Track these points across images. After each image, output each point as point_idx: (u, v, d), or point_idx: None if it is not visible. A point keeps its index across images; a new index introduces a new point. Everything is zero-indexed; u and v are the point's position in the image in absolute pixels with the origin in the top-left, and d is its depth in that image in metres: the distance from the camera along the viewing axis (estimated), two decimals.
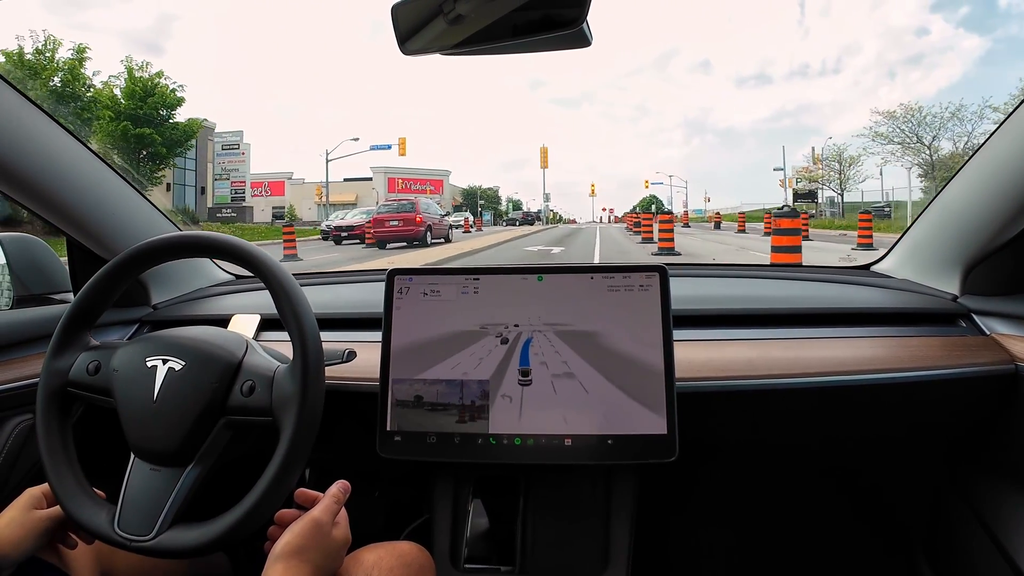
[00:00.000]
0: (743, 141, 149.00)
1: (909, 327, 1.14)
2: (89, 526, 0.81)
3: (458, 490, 1.11)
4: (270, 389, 0.82)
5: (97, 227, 1.21)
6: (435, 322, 1.01)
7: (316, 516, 0.79)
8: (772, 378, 1.02)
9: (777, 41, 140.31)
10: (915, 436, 1.18)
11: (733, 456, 1.29)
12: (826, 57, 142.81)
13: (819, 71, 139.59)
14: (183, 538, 0.78)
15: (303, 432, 0.79)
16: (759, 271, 1.45)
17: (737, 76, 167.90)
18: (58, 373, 0.88)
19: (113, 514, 0.80)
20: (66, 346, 0.89)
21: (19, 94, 1.03)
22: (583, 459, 0.95)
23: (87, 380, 0.87)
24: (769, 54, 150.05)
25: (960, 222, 1.14)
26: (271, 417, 0.81)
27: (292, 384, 0.80)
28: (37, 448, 0.85)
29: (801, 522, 1.43)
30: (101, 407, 0.87)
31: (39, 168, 1.08)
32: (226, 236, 0.90)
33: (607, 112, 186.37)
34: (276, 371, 0.84)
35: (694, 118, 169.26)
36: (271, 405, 0.81)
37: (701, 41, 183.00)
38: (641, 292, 0.99)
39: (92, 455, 0.94)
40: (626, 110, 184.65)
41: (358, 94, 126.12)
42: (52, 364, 0.88)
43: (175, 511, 0.79)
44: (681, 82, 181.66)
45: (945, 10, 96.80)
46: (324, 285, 1.49)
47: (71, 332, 0.90)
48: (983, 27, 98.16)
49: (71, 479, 0.84)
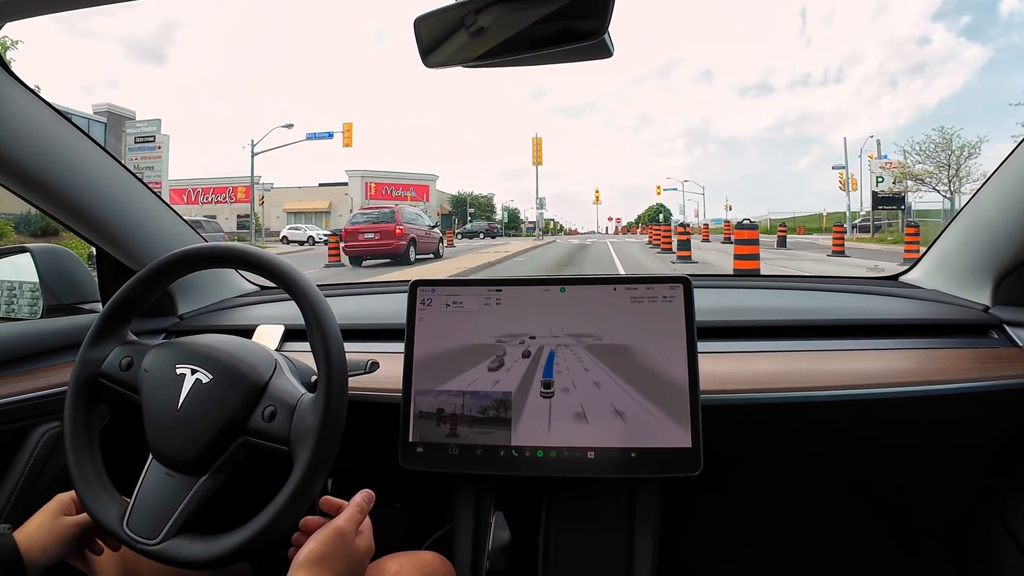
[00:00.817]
0: (745, 150, 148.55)
1: (939, 339, 1.11)
2: (99, 519, 0.82)
3: (480, 502, 1.11)
4: (290, 419, 0.82)
5: (126, 239, 1.24)
6: (458, 333, 1.01)
7: (340, 525, 0.79)
8: (799, 391, 1.00)
9: (779, 50, 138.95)
10: (946, 451, 1.15)
11: (758, 470, 1.27)
12: (828, 66, 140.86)
13: (821, 80, 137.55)
14: (187, 549, 0.79)
15: (315, 468, 0.79)
16: (784, 282, 1.43)
17: (739, 85, 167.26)
18: (92, 362, 0.90)
19: (124, 512, 0.82)
20: (104, 337, 0.92)
21: (51, 109, 1.06)
22: (606, 472, 0.94)
23: (119, 374, 0.89)
24: (771, 63, 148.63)
25: (991, 231, 1.12)
26: (287, 448, 0.81)
27: (313, 418, 0.80)
28: (64, 455, 0.87)
29: (828, 538, 1.40)
30: (128, 402, 0.89)
31: (70, 181, 1.11)
32: (256, 249, 0.91)
33: (609, 121, 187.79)
34: (299, 401, 0.84)
35: (696, 127, 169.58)
36: (289, 436, 0.81)
37: (703, 51, 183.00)
38: (665, 303, 0.98)
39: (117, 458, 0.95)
40: (628, 119, 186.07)
41: (359, 103, 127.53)
42: (88, 353, 0.91)
43: (183, 519, 0.80)
44: (683, 91, 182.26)
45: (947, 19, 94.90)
46: (348, 296, 1.50)
47: (110, 324, 0.93)
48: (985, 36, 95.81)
49: (90, 469, 0.86)
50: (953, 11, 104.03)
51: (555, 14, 0.70)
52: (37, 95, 1.03)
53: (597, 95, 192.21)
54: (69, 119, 1.09)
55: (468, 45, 0.75)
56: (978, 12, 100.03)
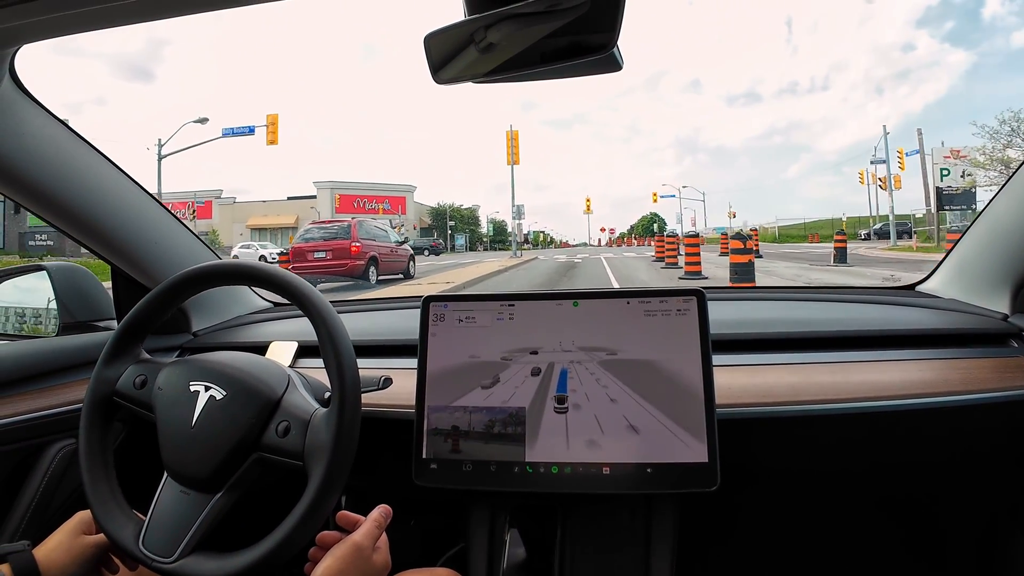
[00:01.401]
0: (735, 159, 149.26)
1: (958, 348, 1.10)
2: (115, 537, 0.82)
3: (494, 519, 1.10)
4: (304, 434, 0.82)
5: (141, 257, 1.25)
6: (471, 349, 1.01)
7: (357, 540, 0.79)
8: (817, 403, 0.99)
9: (766, 59, 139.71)
10: (969, 462, 1.13)
11: (776, 485, 1.25)
12: (815, 74, 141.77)
13: (808, 88, 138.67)
14: (202, 567, 0.78)
15: (330, 483, 0.79)
16: (799, 293, 1.41)
17: (727, 95, 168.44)
18: (107, 381, 0.91)
19: (140, 530, 0.82)
20: (117, 356, 0.93)
21: (66, 128, 1.07)
22: (622, 488, 0.93)
23: (133, 393, 0.90)
24: (758, 72, 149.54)
25: (1008, 238, 1.10)
26: (301, 463, 0.81)
27: (327, 433, 0.81)
28: (79, 473, 0.87)
29: (849, 553, 1.38)
30: (143, 421, 0.89)
31: (86, 200, 1.12)
32: (269, 266, 0.92)
33: (600, 133, 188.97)
34: (313, 416, 0.84)
35: (686, 137, 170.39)
36: (303, 451, 0.81)
37: (691, 60, 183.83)
38: (679, 316, 0.97)
39: (132, 476, 0.96)
40: (618, 130, 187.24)
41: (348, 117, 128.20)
42: (102, 372, 0.91)
43: (199, 537, 0.80)
44: (672, 101, 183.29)
45: (931, 25, 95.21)
46: (361, 312, 1.51)
47: (124, 343, 0.93)
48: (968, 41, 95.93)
49: (105, 488, 0.86)
50: (937, 17, 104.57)
51: (564, 29, 0.70)
52: (54, 116, 1.05)
53: (587, 107, 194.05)
54: (85, 139, 1.10)
55: (478, 61, 0.75)
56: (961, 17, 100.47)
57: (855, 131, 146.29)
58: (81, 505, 0.88)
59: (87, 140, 1.11)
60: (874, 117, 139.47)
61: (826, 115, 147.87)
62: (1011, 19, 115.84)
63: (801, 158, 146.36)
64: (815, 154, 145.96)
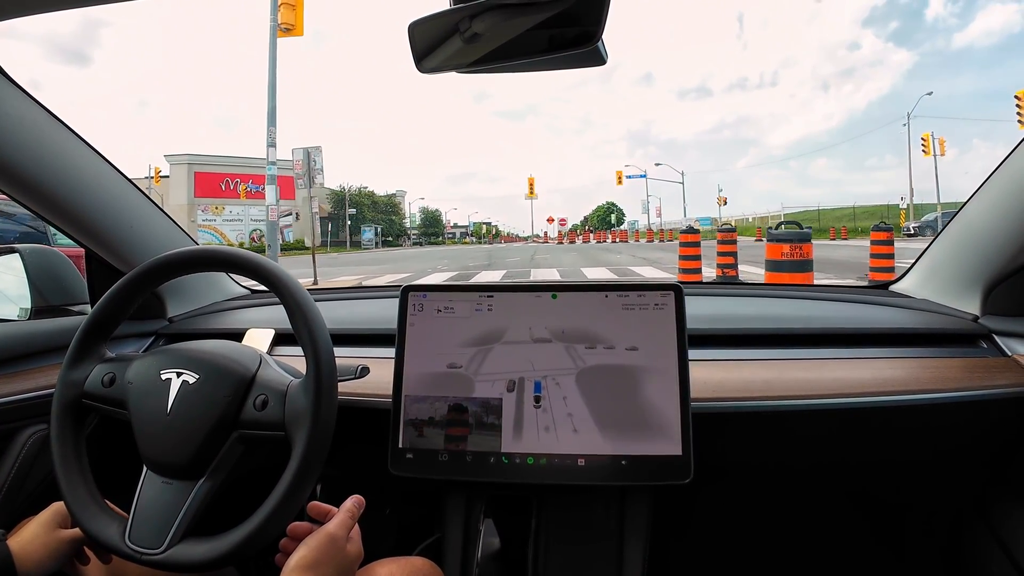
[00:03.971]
0: (685, 152, 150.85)
1: (929, 348, 1.12)
2: (100, 538, 0.81)
3: (470, 509, 1.10)
4: (283, 404, 0.82)
5: (115, 240, 1.23)
6: (449, 339, 1.01)
7: (331, 531, 0.78)
8: (790, 399, 1.00)
9: (717, 54, 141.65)
10: (936, 459, 1.15)
11: (750, 479, 1.27)
12: (764, 70, 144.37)
13: (757, 83, 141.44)
14: (193, 552, 0.77)
15: (315, 448, 0.78)
16: (775, 290, 1.43)
17: (679, 89, 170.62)
18: (73, 384, 0.88)
19: (124, 526, 0.80)
20: (82, 357, 0.90)
21: (43, 109, 1.05)
22: (596, 479, 0.94)
23: (102, 392, 0.88)
24: (710, 67, 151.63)
25: (981, 241, 1.13)
26: (283, 432, 0.81)
27: (305, 399, 0.80)
28: (51, 458, 0.86)
29: (819, 546, 1.40)
30: (115, 419, 0.87)
31: (61, 182, 1.10)
32: (243, 251, 0.90)
33: (552, 125, 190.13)
34: (289, 386, 0.84)
35: (638, 130, 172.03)
36: (284, 420, 0.81)
37: (644, 54, 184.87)
38: (656, 311, 0.98)
39: (106, 468, 0.94)
40: (571, 122, 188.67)
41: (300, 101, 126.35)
42: (68, 375, 0.89)
43: (186, 525, 0.79)
44: (624, 95, 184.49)
45: (876, 25, 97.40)
46: (339, 301, 1.50)
47: (87, 344, 0.91)
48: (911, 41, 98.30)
49: (84, 490, 0.84)
50: (882, 16, 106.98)
51: (549, 21, 0.70)
52: (30, 95, 1.03)
53: (540, 98, 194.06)
54: (62, 120, 1.08)
55: (462, 51, 0.75)
56: (906, 17, 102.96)
57: (801, 127, 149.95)
58: (53, 492, 0.87)
59: (63, 121, 1.09)
60: (820, 114, 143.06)
61: (774, 110, 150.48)
62: (952, 20, 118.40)
63: (749, 152, 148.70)
64: (763, 148, 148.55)
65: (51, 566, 0.83)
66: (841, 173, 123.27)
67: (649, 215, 51.74)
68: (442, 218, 61.60)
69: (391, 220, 47.60)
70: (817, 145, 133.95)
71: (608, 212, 74.76)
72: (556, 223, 57.59)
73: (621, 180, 46.98)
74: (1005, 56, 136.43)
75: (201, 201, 32.80)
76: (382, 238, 44.31)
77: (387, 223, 46.46)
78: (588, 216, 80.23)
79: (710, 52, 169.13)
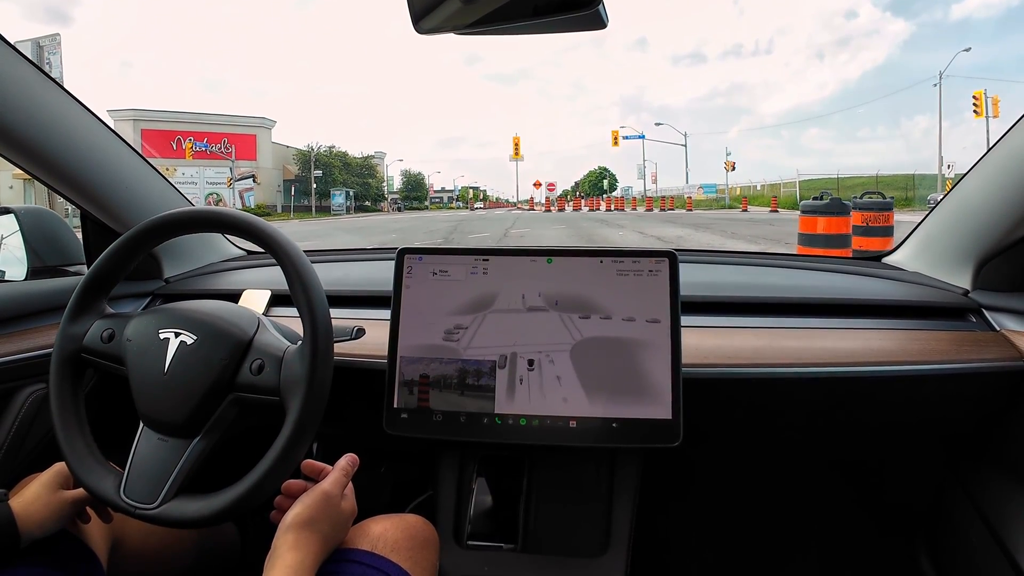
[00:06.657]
0: (678, 119, 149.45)
1: (919, 320, 1.13)
2: (96, 490, 0.82)
3: (463, 468, 1.13)
4: (279, 369, 0.83)
5: (112, 201, 1.22)
6: (444, 302, 1.02)
7: (326, 488, 0.80)
8: (780, 367, 1.02)
9: (712, 20, 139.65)
10: (921, 429, 1.17)
11: (738, 444, 1.30)
12: (759, 38, 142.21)
13: (752, 51, 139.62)
14: (186, 509, 0.79)
15: (309, 414, 0.80)
16: (770, 259, 1.44)
17: (673, 55, 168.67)
18: (73, 338, 0.89)
19: (120, 481, 0.82)
20: (82, 312, 0.91)
21: (38, 71, 1.04)
22: (587, 441, 0.96)
23: (101, 347, 0.89)
24: (704, 33, 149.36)
25: (975, 216, 1.13)
26: (278, 397, 0.82)
27: (301, 366, 0.81)
28: (50, 417, 0.87)
29: (803, 511, 1.44)
30: (114, 375, 0.88)
31: (57, 143, 1.09)
32: (240, 213, 0.90)
33: (544, 89, 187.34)
34: (286, 351, 0.84)
35: (630, 96, 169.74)
36: (279, 385, 0.82)
37: (638, 18, 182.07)
38: (650, 277, 0.99)
39: (104, 424, 0.95)
40: (563, 87, 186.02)
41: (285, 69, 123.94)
42: (68, 329, 0.90)
43: (180, 481, 0.81)
44: (618, 60, 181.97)
45: None
46: (335, 262, 1.50)
47: (88, 298, 0.91)
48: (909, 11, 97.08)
49: (81, 443, 0.85)
50: None
51: None
52: (21, 54, 1.01)
53: (532, 62, 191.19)
54: (55, 80, 1.07)
55: (461, 12, 0.74)
56: None
57: (794, 96, 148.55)
58: (53, 451, 0.88)
59: (57, 81, 1.07)
60: (814, 83, 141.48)
61: (767, 79, 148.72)
62: None
63: (742, 120, 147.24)
64: (755, 117, 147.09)
65: (53, 526, 0.84)
66: (833, 143, 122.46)
67: (645, 181, 48.26)
68: (425, 181, 57.56)
69: (366, 183, 44.24)
70: (809, 115, 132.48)
71: (600, 177, 71.99)
72: (544, 188, 51.39)
73: (617, 141, 43.88)
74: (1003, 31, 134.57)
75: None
76: (357, 203, 42.08)
77: (362, 187, 43.23)
78: (579, 181, 76.18)
79: (706, 17, 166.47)
